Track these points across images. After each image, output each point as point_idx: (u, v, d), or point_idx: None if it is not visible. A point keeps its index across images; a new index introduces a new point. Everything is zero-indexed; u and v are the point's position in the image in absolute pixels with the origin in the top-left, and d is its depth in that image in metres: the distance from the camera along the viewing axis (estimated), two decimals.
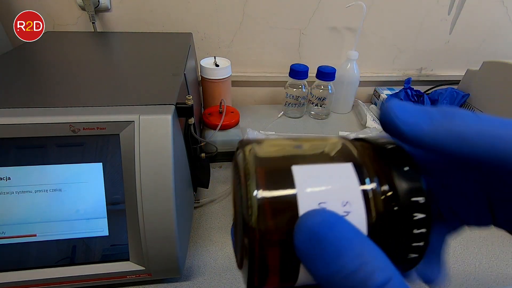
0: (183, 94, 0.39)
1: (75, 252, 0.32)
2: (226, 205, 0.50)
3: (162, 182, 0.31)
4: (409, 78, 0.72)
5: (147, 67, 0.46)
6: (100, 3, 0.62)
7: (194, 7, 0.67)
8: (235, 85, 0.76)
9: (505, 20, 0.76)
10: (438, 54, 0.81)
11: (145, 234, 0.32)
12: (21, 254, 0.31)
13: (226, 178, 0.55)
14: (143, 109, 0.32)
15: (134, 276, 0.34)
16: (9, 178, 0.30)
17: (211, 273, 0.39)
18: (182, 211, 0.35)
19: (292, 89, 0.70)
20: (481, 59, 0.64)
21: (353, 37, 0.74)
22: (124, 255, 0.33)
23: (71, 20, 0.66)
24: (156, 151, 0.31)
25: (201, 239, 0.44)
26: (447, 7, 0.73)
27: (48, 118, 0.30)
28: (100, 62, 0.49)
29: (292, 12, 0.70)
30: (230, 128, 0.56)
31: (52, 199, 0.31)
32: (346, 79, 0.72)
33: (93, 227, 0.32)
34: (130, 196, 0.31)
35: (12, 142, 0.30)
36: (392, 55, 0.80)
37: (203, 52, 0.72)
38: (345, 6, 0.66)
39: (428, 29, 0.76)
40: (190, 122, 0.37)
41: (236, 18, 0.69)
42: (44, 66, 0.45)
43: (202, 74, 0.62)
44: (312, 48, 0.76)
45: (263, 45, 0.74)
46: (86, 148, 0.31)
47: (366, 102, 0.83)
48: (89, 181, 0.32)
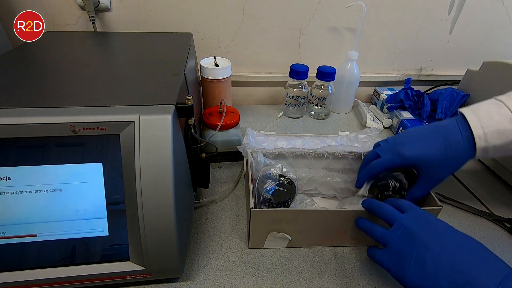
0: (183, 94, 0.39)
1: (75, 252, 0.32)
2: (226, 205, 0.50)
3: (162, 182, 0.31)
4: (409, 78, 0.72)
5: (147, 67, 0.46)
6: (100, 3, 0.62)
7: (194, 7, 0.67)
8: (235, 85, 0.76)
9: (505, 20, 0.76)
10: (438, 54, 0.81)
11: (145, 234, 0.32)
12: (21, 254, 0.31)
13: (226, 178, 0.55)
14: (143, 109, 0.32)
15: (134, 276, 0.34)
16: (9, 178, 0.30)
17: (211, 273, 0.39)
18: (182, 211, 0.35)
19: (292, 89, 0.70)
20: (481, 59, 0.64)
21: (353, 37, 0.74)
22: (124, 255, 0.33)
23: (71, 20, 0.66)
24: (156, 151, 0.31)
25: (201, 239, 0.44)
26: (447, 7, 0.73)
27: (48, 118, 0.30)
28: (100, 62, 0.49)
29: (292, 12, 0.70)
30: (230, 128, 0.56)
31: (52, 199, 0.31)
32: (346, 79, 0.72)
33: (93, 227, 0.32)
34: (130, 196, 0.31)
35: (12, 142, 0.30)
36: (392, 55, 0.80)
37: (203, 52, 0.72)
38: (345, 6, 0.66)
39: (428, 29, 0.76)
40: (190, 122, 0.37)
41: (236, 18, 0.69)
42: (44, 66, 0.45)
43: (202, 74, 0.62)
44: (312, 48, 0.76)
45: (263, 45, 0.74)
46: (86, 148, 0.31)
47: (366, 102, 0.83)
48: (89, 181, 0.32)
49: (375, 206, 0.37)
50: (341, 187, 0.49)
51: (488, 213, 0.50)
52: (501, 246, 0.45)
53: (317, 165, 0.51)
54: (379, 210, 0.36)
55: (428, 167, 0.39)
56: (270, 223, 0.40)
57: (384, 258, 0.33)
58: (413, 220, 0.33)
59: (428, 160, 0.39)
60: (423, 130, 0.42)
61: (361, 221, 0.38)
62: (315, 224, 0.40)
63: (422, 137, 0.40)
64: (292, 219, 0.39)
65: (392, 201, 0.37)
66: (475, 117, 0.38)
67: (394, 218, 0.34)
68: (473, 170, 0.61)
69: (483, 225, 0.49)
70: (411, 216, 0.34)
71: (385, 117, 0.73)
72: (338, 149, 0.50)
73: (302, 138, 0.54)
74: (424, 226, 0.32)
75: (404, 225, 0.33)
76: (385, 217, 0.35)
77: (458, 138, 0.38)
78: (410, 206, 0.35)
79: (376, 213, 0.37)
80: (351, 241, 0.43)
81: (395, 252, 0.32)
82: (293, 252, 0.43)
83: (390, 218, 0.35)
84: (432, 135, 0.40)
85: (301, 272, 0.40)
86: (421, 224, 0.32)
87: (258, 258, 0.41)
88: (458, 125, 0.39)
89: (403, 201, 0.36)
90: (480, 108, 0.38)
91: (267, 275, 0.39)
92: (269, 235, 0.41)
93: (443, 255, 0.29)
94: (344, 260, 0.42)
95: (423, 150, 0.39)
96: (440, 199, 0.52)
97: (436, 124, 0.41)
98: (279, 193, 0.42)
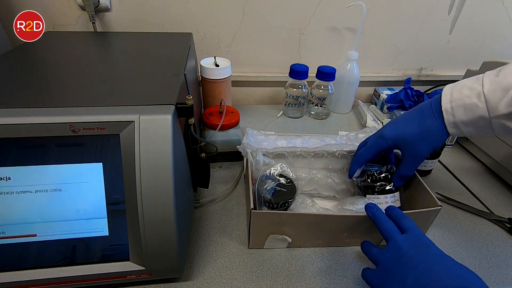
0: (183, 94, 0.39)
1: (75, 252, 0.32)
2: (226, 205, 0.50)
3: (162, 182, 0.31)
4: (409, 78, 0.72)
5: (147, 67, 0.46)
6: (100, 3, 0.62)
7: (194, 7, 0.67)
8: (235, 85, 0.76)
9: (505, 20, 0.76)
10: (438, 54, 0.81)
11: (145, 234, 0.32)
12: (21, 254, 0.31)
13: (226, 178, 0.55)
14: (143, 109, 0.32)
15: (134, 276, 0.34)
16: (9, 178, 0.30)
17: (211, 273, 0.39)
18: (182, 211, 0.35)
19: (292, 89, 0.70)
20: (481, 59, 0.63)
21: (353, 37, 0.74)
22: (124, 255, 0.33)
23: (71, 20, 0.66)
24: (156, 151, 0.31)
25: (201, 239, 0.44)
26: (447, 7, 0.73)
27: (48, 118, 0.30)
28: (100, 62, 0.49)
29: (292, 12, 0.70)
30: (230, 128, 0.56)
31: (52, 199, 0.31)
32: (346, 79, 0.72)
33: (93, 227, 0.32)
34: (130, 196, 0.31)
35: (12, 142, 0.30)
36: (392, 55, 0.80)
37: (203, 52, 0.72)
38: (345, 6, 0.66)
39: (428, 29, 0.76)
40: (190, 122, 0.37)
41: (236, 18, 0.69)
42: (44, 66, 0.45)
43: (202, 74, 0.62)
44: (312, 48, 0.76)
45: (263, 45, 0.74)
46: (86, 148, 0.31)
47: (366, 102, 0.83)
48: (89, 181, 0.31)
49: (377, 218, 0.36)
50: (341, 188, 0.49)
51: (488, 213, 0.50)
52: (501, 246, 0.45)
53: (317, 164, 0.51)
54: (380, 225, 0.36)
55: (408, 144, 0.40)
56: (270, 225, 0.40)
57: (373, 278, 0.33)
58: (408, 241, 0.32)
59: (407, 138, 0.40)
60: (406, 113, 0.42)
61: (364, 244, 0.37)
62: (315, 227, 0.40)
63: (403, 119, 0.42)
64: (292, 221, 0.39)
65: (397, 216, 0.36)
66: (449, 91, 0.37)
67: (391, 237, 0.34)
68: (473, 170, 0.61)
69: (483, 225, 0.49)
70: (407, 238, 0.33)
71: (385, 117, 0.73)
72: (337, 148, 0.50)
73: (302, 138, 0.54)
74: (416, 248, 0.31)
75: (397, 246, 0.32)
76: (383, 233, 0.35)
77: (430, 113, 0.38)
78: (411, 227, 0.34)
79: (376, 226, 0.36)
80: (350, 242, 0.43)
81: (384, 272, 0.32)
82: (293, 252, 0.43)
83: (387, 236, 0.34)
84: (412, 115, 0.41)
85: (301, 272, 0.40)
86: (414, 246, 0.32)
87: (258, 258, 0.41)
88: (434, 101, 0.39)
89: (407, 220, 0.35)
90: (461, 83, 0.38)
91: (267, 275, 0.39)
92: (269, 236, 0.41)
93: (424, 277, 0.28)
94: (344, 260, 0.42)
95: (402, 129, 0.40)
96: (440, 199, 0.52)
97: (419, 104, 0.42)
98: (279, 193, 0.41)
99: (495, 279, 0.41)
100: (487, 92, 0.34)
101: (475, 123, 0.36)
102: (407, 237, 0.33)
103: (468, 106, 0.35)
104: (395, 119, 0.43)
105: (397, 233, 0.34)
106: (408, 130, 0.40)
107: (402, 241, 0.32)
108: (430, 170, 0.58)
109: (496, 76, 0.35)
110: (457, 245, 0.45)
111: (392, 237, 0.33)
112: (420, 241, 0.32)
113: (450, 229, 0.48)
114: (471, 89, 0.36)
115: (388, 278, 0.31)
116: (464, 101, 0.35)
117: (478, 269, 0.42)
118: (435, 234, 0.46)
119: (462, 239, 0.46)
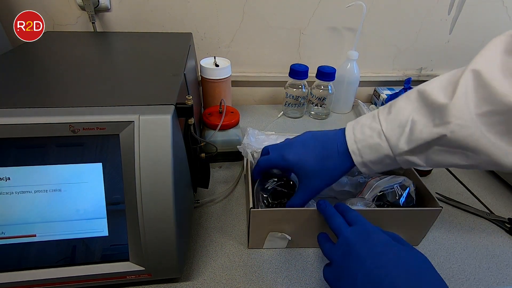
0: (183, 94, 0.39)
1: (75, 252, 0.32)
2: (226, 205, 0.50)
3: (162, 182, 0.31)
4: (409, 78, 0.72)
5: (147, 67, 0.46)
6: (100, 3, 0.62)
7: (194, 7, 0.67)
8: (235, 85, 0.76)
9: (505, 20, 0.76)
10: (438, 54, 0.81)
11: (145, 234, 0.32)
12: (21, 254, 0.31)
13: (226, 178, 0.55)
14: (143, 109, 0.32)
15: (134, 276, 0.34)
16: (9, 178, 0.30)
17: (211, 273, 0.39)
18: (182, 211, 0.35)
19: (292, 89, 0.70)
20: None
21: (353, 37, 0.74)
22: (124, 255, 0.33)
23: (71, 20, 0.66)
24: (156, 151, 0.31)
25: (201, 239, 0.44)
26: (447, 7, 0.73)
27: (48, 118, 0.30)
28: (100, 62, 0.49)
29: (292, 12, 0.70)
30: (230, 128, 0.56)
31: (52, 199, 0.31)
32: (346, 79, 0.72)
33: (93, 227, 0.32)
34: (130, 196, 0.31)
35: (12, 142, 0.30)
36: (392, 55, 0.80)
37: (203, 52, 0.72)
38: (345, 6, 0.66)
39: (428, 29, 0.76)
40: (190, 122, 0.37)
41: (236, 18, 0.69)
42: (44, 66, 0.45)
43: (202, 74, 0.62)
44: (312, 48, 0.76)
45: (263, 45, 0.74)
46: (86, 148, 0.31)
47: (366, 102, 0.83)
48: (89, 181, 0.31)
49: (327, 214, 0.36)
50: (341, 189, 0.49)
51: (488, 213, 0.50)
52: (501, 246, 0.45)
53: None
54: (329, 220, 0.35)
55: (304, 174, 0.39)
56: (270, 223, 0.40)
57: (329, 275, 0.32)
58: (355, 234, 0.32)
59: (305, 168, 0.38)
60: (313, 137, 0.40)
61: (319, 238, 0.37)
62: (314, 224, 0.40)
63: (307, 145, 0.40)
64: (292, 219, 0.39)
65: (344, 210, 0.36)
66: (352, 131, 0.37)
67: (340, 232, 0.33)
68: (473, 170, 0.61)
69: (483, 225, 0.49)
70: (355, 230, 0.32)
71: None
72: None
73: None
74: (363, 240, 0.31)
75: (346, 240, 0.32)
76: (332, 228, 0.34)
77: (335, 152, 0.37)
78: (357, 219, 0.34)
79: (326, 222, 0.36)
80: None
81: (337, 269, 0.31)
82: (293, 252, 0.43)
83: (336, 231, 0.34)
84: (316, 144, 0.39)
85: (301, 272, 0.40)
86: (362, 239, 0.31)
87: (258, 258, 0.41)
88: (338, 139, 0.38)
89: (353, 213, 0.35)
90: (360, 121, 0.37)
91: (267, 275, 0.39)
92: (269, 235, 0.41)
93: (374, 273, 0.28)
94: None
95: (303, 157, 0.38)
96: (440, 200, 0.52)
97: (326, 133, 0.40)
98: (279, 193, 0.42)
99: (495, 279, 0.41)
100: (386, 130, 0.34)
101: (382, 162, 0.35)
102: (354, 229, 0.33)
103: (373, 146, 0.35)
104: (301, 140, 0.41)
105: (345, 226, 0.33)
106: (309, 161, 0.38)
107: (350, 234, 0.32)
108: (430, 170, 0.58)
109: (389, 114, 0.35)
110: (457, 245, 0.45)
111: (341, 232, 0.33)
112: (368, 232, 0.32)
113: (450, 229, 0.48)
114: (371, 129, 0.35)
115: (341, 277, 0.30)
116: (368, 142, 0.35)
117: (478, 269, 0.42)
118: (435, 234, 0.46)
119: (462, 239, 0.46)
